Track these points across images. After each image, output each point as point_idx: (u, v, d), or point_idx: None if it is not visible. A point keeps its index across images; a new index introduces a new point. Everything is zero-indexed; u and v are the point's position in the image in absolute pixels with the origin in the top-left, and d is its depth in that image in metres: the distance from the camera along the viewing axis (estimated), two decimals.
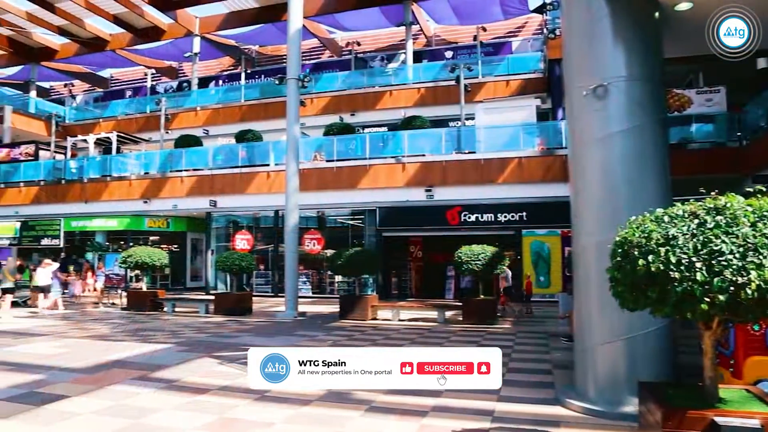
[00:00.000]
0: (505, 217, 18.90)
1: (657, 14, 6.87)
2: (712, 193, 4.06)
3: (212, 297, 17.43)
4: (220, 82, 33.45)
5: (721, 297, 3.49)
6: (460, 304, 14.74)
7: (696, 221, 3.81)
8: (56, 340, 11.25)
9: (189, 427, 5.53)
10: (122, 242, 25.15)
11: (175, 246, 25.97)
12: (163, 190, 23.11)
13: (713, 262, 3.56)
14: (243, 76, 32.23)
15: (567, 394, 6.52)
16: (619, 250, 4.17)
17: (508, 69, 24.21)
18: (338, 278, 21.16)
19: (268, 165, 21.65)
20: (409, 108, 23.92)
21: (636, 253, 3.90)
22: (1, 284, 16.14)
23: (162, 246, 23.40)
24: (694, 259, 3.61)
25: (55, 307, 16.88)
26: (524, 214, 18.73)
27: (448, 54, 28.93)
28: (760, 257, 3.46)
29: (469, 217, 19.17)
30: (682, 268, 3.62)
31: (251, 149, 22.50)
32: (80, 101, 37.99)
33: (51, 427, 5.49)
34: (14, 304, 16.79)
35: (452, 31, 29.88)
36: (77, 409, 6.05)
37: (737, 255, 3.51)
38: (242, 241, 19.41)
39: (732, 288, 3.47)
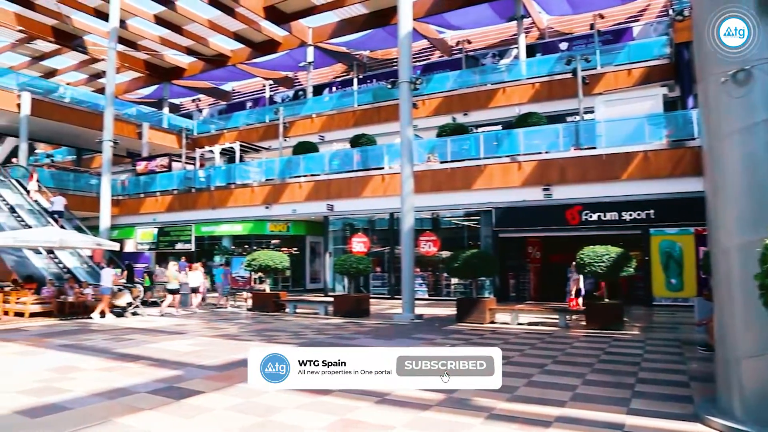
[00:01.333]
0: (631, 215, 17.81)
1: None
2: None
3: (331, 299, 17.86)
4: (334, 88, 34.46)
5: None
6: (583, 308, 14.08)
7: None
8: (191, 338, 12.03)
9: (313, 427, 5.63)
10: (246, 246, 26.53)
11: (295, 249, 26.99)
12: (283, 195, 24.11)
13: None
14: (355, 81, 32.97)
15: (708, 410, 5.94)
16: None
17: (630, 57, 22.82)
18: (454, 280, 20.98)
19: (382, 168, 21.93)
20: (524, 104, 23.28)
21: None
22: (167, 285, 17.82)
23: (283, 249, 24.40)
24: None
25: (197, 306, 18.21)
26: (652, 211, 17.53)
27: (563, 46, 27.84)
28: None
29: (591, 216, 18.27)
30: None
31: (365, 153, 22.91)
32: (206, 114, 40.77)
33: (191, 421, 5.83)
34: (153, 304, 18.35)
35: (566, 21, 28.72)
36: (211, 405, 6.37)
37: None
38: (359, 244, 19.79)
39: None
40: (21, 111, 25.91)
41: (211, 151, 28.71)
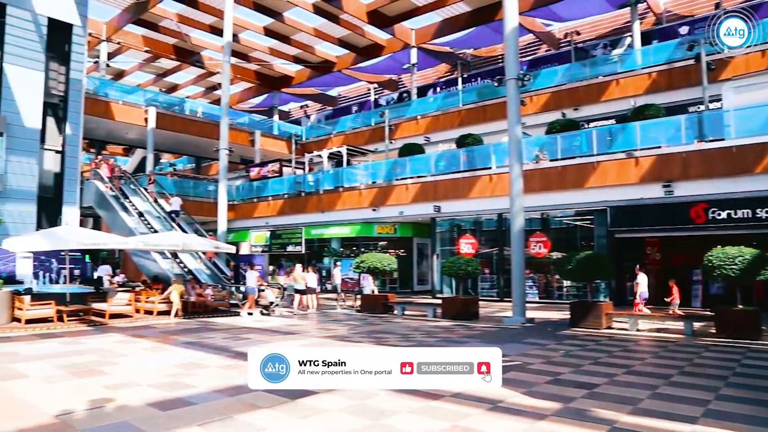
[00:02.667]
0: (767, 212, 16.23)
1: None
2: None
3: (439, 301, 17.76)
4: (438, 89, 34.35)
5: None
6: (712, 314, 12.98)
7: None
8: (303, 338, 12.34)
9: None
10: (354, 248, 27.00)
11: (402, 251, 27.13)
12: (390, 197, 24.25)
13: None
14: (459, 81, 32.70)
15: None
16: None
17: (764, 36, 20.54)
18: (566, 283, 20.18)
19: (489, 168, 21.43)
20: (639, 96, 21.95)
21: None
22: (295, 286, 18.74)
23: (390, 251, 24.59)
24: None
25: (306, 307, 18.80)
26: None
27: (683, 30, 25.89)
28: None
29: (719, 215, 16.82)
30: None
31: (472, 153, 22.54)
32: (313, 120, 42.08)
33: (306, 421, 5.94)
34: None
35: (687, 2, 26.77)
36: (325, 405, 6.45)
37: None
38: (467, 246, 19.51)
39: None
40: (148, 124, 28.12)
41: (320, 156, 29.52)
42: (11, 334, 12.62)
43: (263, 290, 18.34)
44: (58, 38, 21.13)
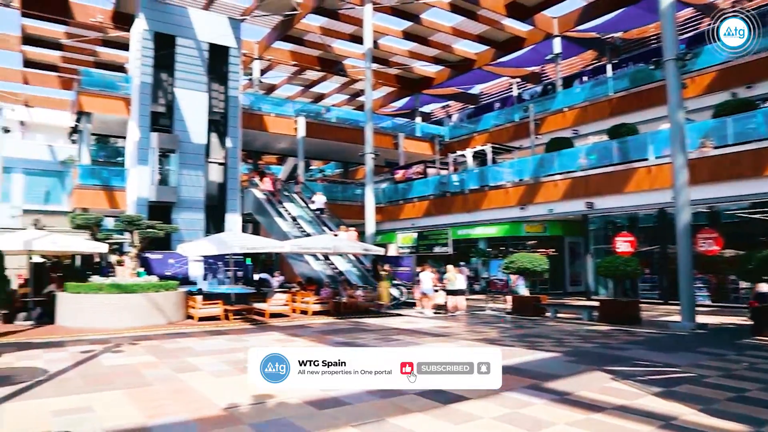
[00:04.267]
0: None
1: None
2: None
3: (595, 303, 16.73)
4: (585, 78, 32.56)
5: None
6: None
7: None
8: (454, 341, 12.12)
9: None
10: (502, 248, 26.34)
11: (553, 250, 26.03)
12: (538, 195, 23.38)
13: None
14: (608, 67, 30.71)
15: None
16: None
17: None
18: (743, 284, 18.04)
19: (646, 159, 19.79)
20: None
21: None
22: (447, 286, 18.86)
23: (539, 250, 23.67)
24: None
25: (455, 309, 18.66)
26: None
27: None
28: None
29: None
30: None
31: (625, 144, 20.98)
32: (455, 119, 41.85)
33: (459, 427, 5.77)
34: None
35: None
36: (478, 412, 6.25)
37: None
38: (624, 244, 18.14)
39: None
40: (298, 134, 29.70)
41: (463, 155, 29.23)
42: (186, 330, 13.94)
43: (437, 290, 18.67)
44: (217, 61, 23.05)
